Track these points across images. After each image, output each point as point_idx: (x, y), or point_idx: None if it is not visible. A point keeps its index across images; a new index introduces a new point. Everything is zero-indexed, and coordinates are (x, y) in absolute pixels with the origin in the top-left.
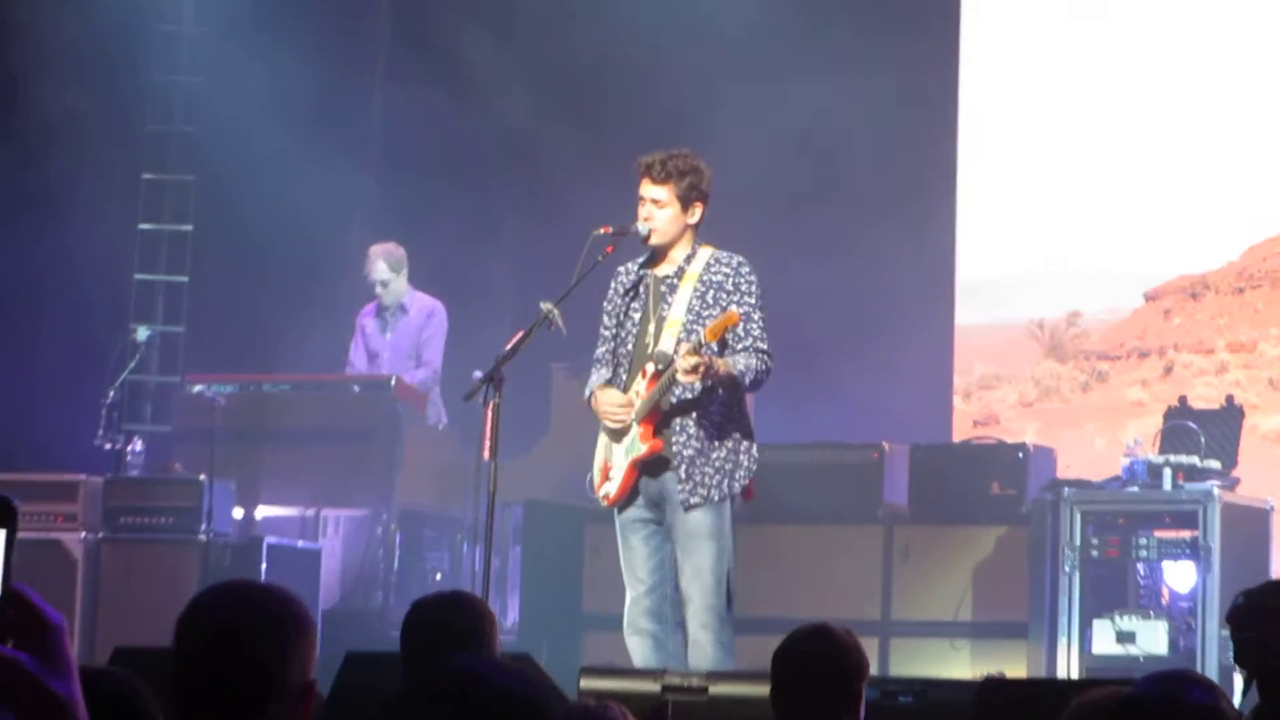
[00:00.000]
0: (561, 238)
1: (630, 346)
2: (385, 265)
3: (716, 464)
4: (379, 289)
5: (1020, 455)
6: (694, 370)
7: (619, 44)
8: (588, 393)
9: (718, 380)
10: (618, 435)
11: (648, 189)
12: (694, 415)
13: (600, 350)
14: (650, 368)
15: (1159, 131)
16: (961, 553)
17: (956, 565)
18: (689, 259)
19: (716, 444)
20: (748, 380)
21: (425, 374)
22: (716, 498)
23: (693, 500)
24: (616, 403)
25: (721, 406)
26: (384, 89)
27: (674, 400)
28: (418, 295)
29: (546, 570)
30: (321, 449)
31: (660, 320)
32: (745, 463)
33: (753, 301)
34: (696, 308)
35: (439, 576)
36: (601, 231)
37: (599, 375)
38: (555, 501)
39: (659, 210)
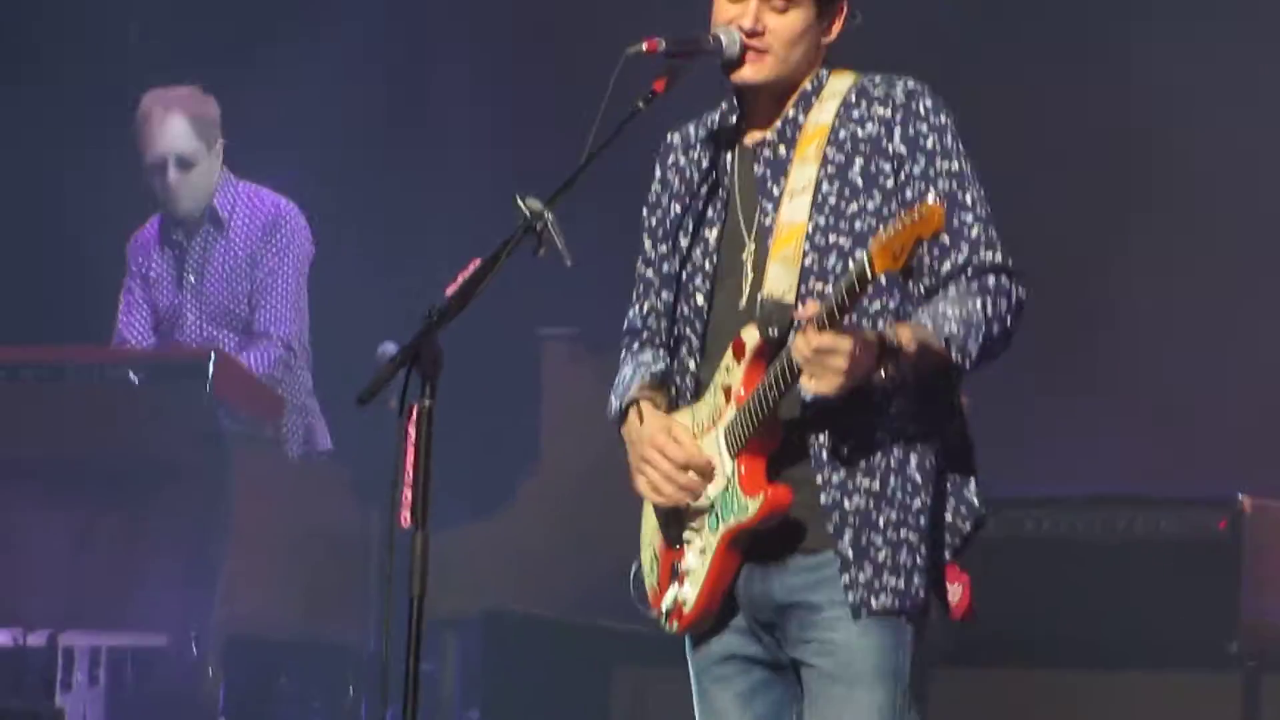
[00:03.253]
0: (554, 65)
1: (702, 299)
2: (185, 125)
3: (910, 528)
4: (170, 177)
5: None
6: (852, 355)
7: None
8: (618, 403)
9: (905, 363)
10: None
11: None
12: (856, 428)
13: (640, 310)
14: (751, 336)
15: None
16: None
17: None
18: (808, 99)
19: (904, 489)
20: (972, 347)
21: (269, 349)
22: (911, 600)
23: (876, 603)
24: (680, 457)
25: (912, 409)
26: None
27: (806, 399)
28: (246, 190)
29: None
30: (64, 508)
31: (762, 230)
32: (958, 534)
33: (957, 168)
34: (832, 198)
35: None
36: (644, 48)
37: (640, 363)
38: (549, 617)
39: (776, 16)
